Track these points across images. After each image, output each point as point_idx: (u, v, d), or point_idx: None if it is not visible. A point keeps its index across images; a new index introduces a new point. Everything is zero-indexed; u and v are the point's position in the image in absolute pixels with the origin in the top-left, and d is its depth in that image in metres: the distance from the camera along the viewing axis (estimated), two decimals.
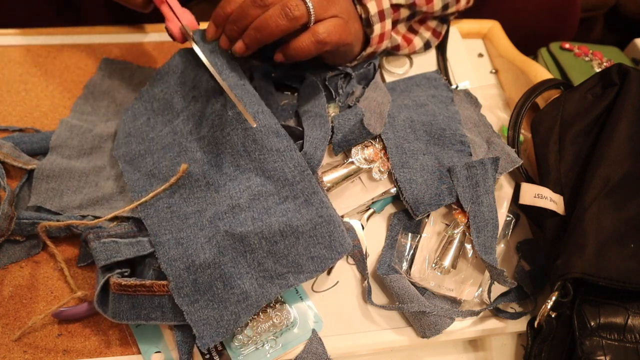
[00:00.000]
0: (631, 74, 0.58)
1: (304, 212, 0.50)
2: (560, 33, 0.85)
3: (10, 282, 0.52)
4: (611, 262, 0.48)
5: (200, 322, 0.47)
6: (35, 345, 0.49)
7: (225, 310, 0.47)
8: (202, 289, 0.48)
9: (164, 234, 0.51)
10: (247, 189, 0.52)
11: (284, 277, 0.49)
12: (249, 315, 0.47)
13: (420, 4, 0.63)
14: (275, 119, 0.54)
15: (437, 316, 0.51)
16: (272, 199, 0.51)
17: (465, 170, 0.56)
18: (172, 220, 0.52)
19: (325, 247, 0.49)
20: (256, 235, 0.49)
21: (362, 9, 0.59)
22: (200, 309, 0.47)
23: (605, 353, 0.47)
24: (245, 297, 0.47)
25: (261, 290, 0.48)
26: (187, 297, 0.48)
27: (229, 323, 0.47)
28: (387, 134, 0.59)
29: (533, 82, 0.66)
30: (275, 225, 0.49)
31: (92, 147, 0.60)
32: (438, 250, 0.55)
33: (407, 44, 0.68)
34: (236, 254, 0.49)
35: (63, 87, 0.65)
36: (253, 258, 0.49)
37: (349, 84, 0.64)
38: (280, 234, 0.49)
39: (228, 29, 0.55)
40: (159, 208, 0.53)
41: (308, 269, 0.49)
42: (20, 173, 0.58)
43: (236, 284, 0.48)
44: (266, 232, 0.49)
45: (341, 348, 0.51)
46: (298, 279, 0.49)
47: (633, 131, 0.56)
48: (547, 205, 0.55)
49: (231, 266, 0.48)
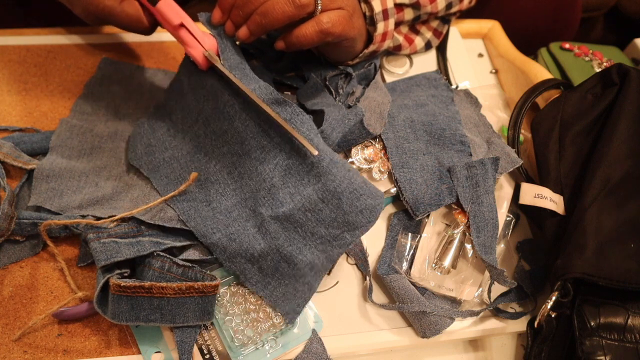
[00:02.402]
0: (631, 74, 0.58)
1: (334, 171, 0.49)
2: (560, 33, 0.85)
3: (10, 282, 0.52)
4: (611, 262, 0.48)
5: (279, 300, 0.50)
6: (35, 345, 0.49)
7: (297, 283, 0.49)
8: (269, 272, 0.50)
9: (213, 233, 0.52)
10: (276, 166, 0.51)
11: (341, 238, 0.49)
12: (319, 281, 0.49)
13: (424, 3, 0.63)
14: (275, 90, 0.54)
15: (437, 316, 0.51)
16: (302, 168, 0.50)
17: (465, 170, 0.56)
18: (216, 217, 0.52)
19: (368, 196, 0.48)
20: (299, 210, 0.49)
21: (367, 7, 0.59)
22: (274, 289, 0.50)
23: (605, 353, 0.47)
24: (311, 267, 0.49)
25: (324, 256, 0.49)
26: (258, 283, 0.50)
27: (304, 293, 0.49)
28: (387, 134, 0.59)
29: (533, 82, 0.66)
30: (313, 195, 0.49)
31: (92, 147, 0.60)
32: (438, 250, 0.56)
33: (409, 44, 0.68)
34: (288, 232, 0.49)
35: (63, 87, 0.65)
36: (305, 231, 0.49)
37: (349, 84, 0.64)
38: (322, 201, 0.48)
39: (234, 14, 0.54)
40: (199, 208, 0.53)
41: (361, 223, 0.48)
42: (20, 173, 0.58)
43: (299, 259, 0.48)
44: (307, 204, 0.49)
45: (341, 348, 0.51)
46: (355, 235, 0.49)
47: (633, 131, 0.56)
48: (547, 205, 0.55)
49: (288, 245, 0.49)
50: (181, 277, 0.49)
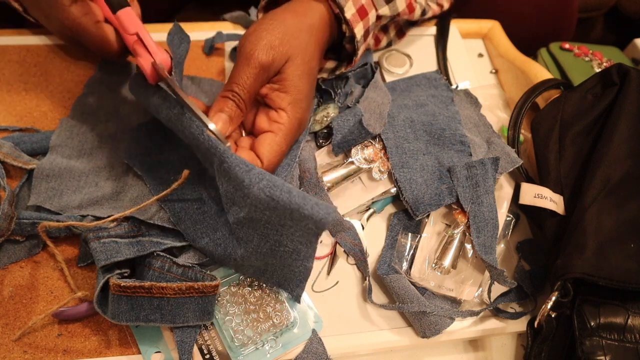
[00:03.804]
0: (631, 74, 0.58)
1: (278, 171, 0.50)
2: (557, 34, 0.85)
3: (10, 282, 0.52)
4: (611, 262, 0.48)
5: (281, 281, 0.50)
6: (35, 345, 0.49)
7: (291, 266, 0.49)
8: (261, 266, 0.50)
9: (201, 237, 0.52)
10: (219, 172, 0.49)
11: (308, 228, 0.46)
12: (311, 261, 0.49)
13: (403, 13, 0.64)
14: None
15: (437, 316, 0.51)
16: (240, 168, 0.47)
17: (465, 170, 0.56)
18: (206, 221, 0.53)
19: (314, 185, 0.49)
20: (255, 211, 0.47)
21: (347, 29, 0.59)
22: (273, 274, 0.50)
23: (605, 353, 0.47)
24: (297, 253, 0.48)
25: (304, 240, 0.47)
26: (255, 273, 0.51)
27: (302, 272, 0.49)
28: (387, 134, 0.59)
29: (533, 82, 0.67)
30: (260, 194, 0.45)
31: (92, 147, 0.60)
32: (438, 250, 0.56)
33: (376, 43, 0.69)
34: (259, 230, 0.48)
35: (63, 87, 0.65)
36: (274, 224, 0.47)
37: (346, 84, 0.64)
38: (271, 199, 0.45)
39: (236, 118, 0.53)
40: (190, 210, 0.53)
41: (319, 215, 0.44)
42: (20, 173, 0.58)
43: (281, 251, 0.48)
44: (259, 204, 0.46)
45: (341, 348, 0.51)
46: (318, 226, 0.45)
47: (633, 131, 0.56)
48: (547, 205, 0.55)
49: (265, 243, 0.48)
50: (181, 277, 0.49)
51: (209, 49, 0.70)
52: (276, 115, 0.53)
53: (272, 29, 0.53)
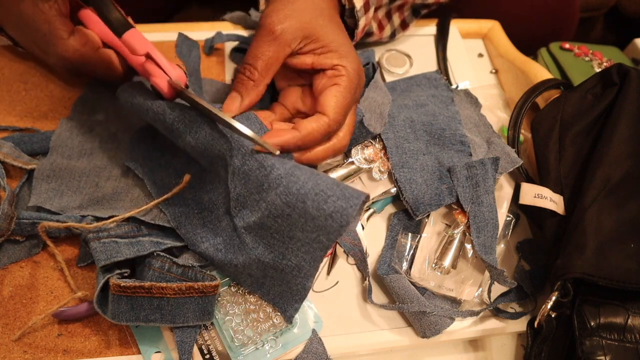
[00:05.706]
0: (631, 74, 0.58)
1: (297, 173, 0.45)
2: (557, 34, 0.85)
3: (10, 282, 0.52)
4: (611, 262, 0.48)
5: (277, 299, 0.50)
6: (35, 345, 0.49)
7: (290, 283, 0.48)
8: (259, 277, 0.50)
9: (201, 242, 0.51)
10: (234, 174, 0.49)
11: (319, 241, 0.45)
12: (312, 280, 0.48)
13: None
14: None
15: (437, 316, 0.51)
16: (260, 172, 0.47)
17: (465, 170, 0.56)
18: (206, 226, 0.52)
19: (338, 198, 0.43)
20: (268, 217, 0.47)
21: (347, 1, 0.59)
22: (270, 289, 0.50)
23: (605, 353, 0.47)
24: (299, 270, 0.48)
25: (309, 257, 0.47)
26: (252, 285, 0.50)
27: (299, 292, 0.49)
28: (387, 134, 0.59)
29: (533, 82, 0.67)
30: (277, 200, 0.45)
31: (92, 147, 0.60)
32: (438, 250, 0.56)
33: (380, 31, 0.68)
34: (266, 240, 0.48)
35: (63, 87, 0.65)
36: (283, 236, 0.47)
37: None
38: (287, 206, 0.45)
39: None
40: (190, 215, 0.53)
41: (332, 227, 0.44)
42: (20, 173, 0.58)
43: (284, 264, 0.48)
44: (273, 210, 0.46)
45: (341, 348, 0.51)
46: (330, 239, 0.45)
47: (633, 131, 0.56)
48: (547, 205, 0.55)
49: (269, 253, 0.48)
50: (181, 277, 0.49)
51: (208, 49, 0.70)
52: (332, 72, 0.53)
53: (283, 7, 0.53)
